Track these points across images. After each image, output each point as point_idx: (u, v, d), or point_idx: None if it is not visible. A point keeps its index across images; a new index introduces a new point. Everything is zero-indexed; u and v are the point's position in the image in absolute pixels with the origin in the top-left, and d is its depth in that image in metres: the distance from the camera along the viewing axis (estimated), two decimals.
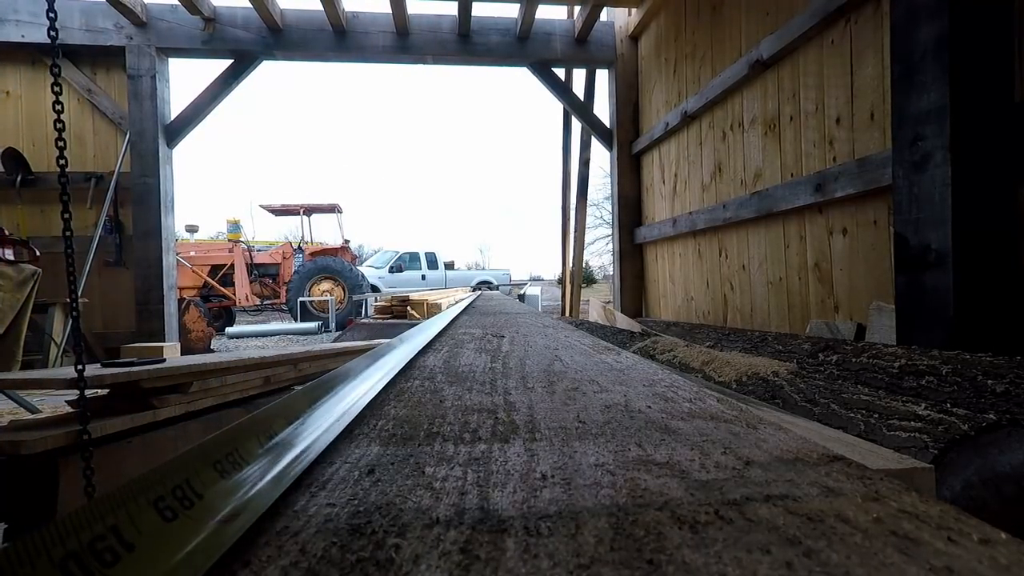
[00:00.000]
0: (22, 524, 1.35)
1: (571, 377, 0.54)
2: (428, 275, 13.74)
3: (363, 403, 0.41)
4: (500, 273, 15.23)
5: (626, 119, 4.70)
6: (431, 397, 0.46)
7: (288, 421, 0.33)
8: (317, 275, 10.48)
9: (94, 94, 4.44)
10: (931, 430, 0.82)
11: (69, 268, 1.33)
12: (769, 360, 1.41)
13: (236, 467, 0.25)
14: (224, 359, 2.02)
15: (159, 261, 4.29)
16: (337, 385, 0.44)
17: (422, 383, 0.52)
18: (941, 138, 1.51)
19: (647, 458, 0.29)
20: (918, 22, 1.58)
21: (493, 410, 0.41)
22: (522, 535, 0.20)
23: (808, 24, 2.38)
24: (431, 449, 0.32)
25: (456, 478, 0.27)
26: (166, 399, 1.74)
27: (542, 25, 4.54)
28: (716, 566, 0.18)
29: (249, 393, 2.17)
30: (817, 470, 0.27)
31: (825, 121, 2.38)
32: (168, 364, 1.75)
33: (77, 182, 4.36)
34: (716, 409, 0.40)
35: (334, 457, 0.30)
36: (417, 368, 0.60)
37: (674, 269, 4.09)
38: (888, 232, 2.03)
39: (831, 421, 0.99)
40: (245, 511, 0.21)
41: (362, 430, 0.36)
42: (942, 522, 0.20)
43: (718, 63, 3.29)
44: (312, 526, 0.22)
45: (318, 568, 0.18)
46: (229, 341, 8.55)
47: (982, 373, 0.96)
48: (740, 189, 3.09)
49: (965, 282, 1.49)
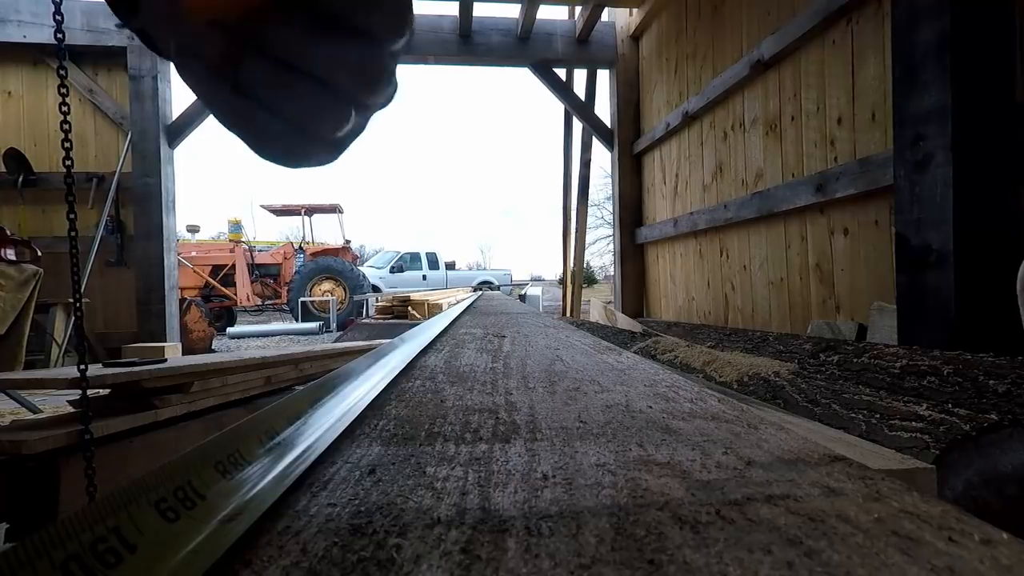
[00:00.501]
0: (23, 524, 1.35)
1: (572, 377, 0.54)
2: (429, 275, 13.74)
3: (365, 402, 0.41)
4: (501, 273, 15.22)
5: (627, 119, 4.70)
6: (432, 397, 0.46)
7: (290, 421, 0.33)
8: (318, 275, 10.49)
9: (96, 94, 4.45)
10: (933, 430, 0.82)
11: (73, 268, 1.33)
12: (770, 360, 1.41)
13: (238, 467, 0.25)
14: (225, 359, 2.02)
15: (160, 261, 4.29)
16: (339, 384, 0.44)
17: (423, 383, 0.52)
18: (942, 138, 1.51)
19: (648, 458, 0.29)
20: (919, 22, 1.58)
21: (494, 410, 0.41)
22: (523, 535, 0.20)
23: (809, 24, 2.38)
24: (432, 449, 0.32)
25: (457, 478, 0.27)
26: (167, 399, 1.74)
27: (543, 25, 4.54)
28: (717, 566, 0.18)
29: (250, 393, 2.17)
30: (818, 470, 0.27)
31: (826, 121, 2.38)
32: (169, 364, 1.76)
33: (79, 182, 4.33)
34: (717, 409, 0.40)
35: (335, 457, 0.30)
36: (418, 368, 0.60)
37: (675, 269, 4.09)
38: (889, 232, 2.03)
39: (832, 421, 0.99)
40: (247, 511, 0.21)
41: (363, 430, 0.36)
42: (943, 522, 0.20)
43: (719, 63, 3.29)
44: (313, 526, 0.22)
45: (319, 568, 0.18)
46: (230, 341, 8.56)
47: (983, 373, 0.96)
48: (741, 189, 3.09)
49: (966, 282, 1.49)
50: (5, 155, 4.34)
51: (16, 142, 4.45)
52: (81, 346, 1.34)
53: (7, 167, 4.36)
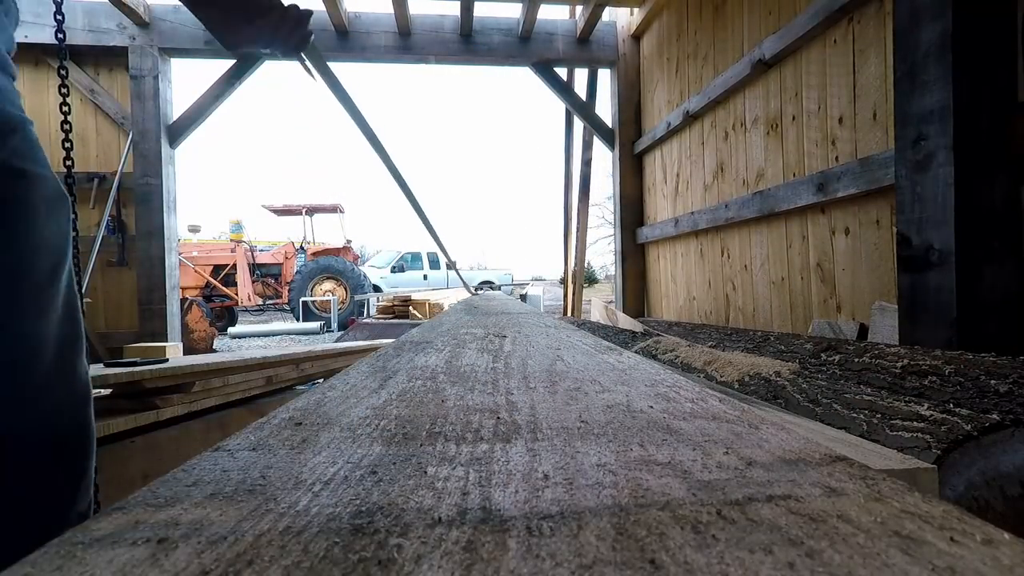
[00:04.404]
0: None
1: (573, 377, 0.54)
2: (430, 275, 13.74)
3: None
4: (502, 273, 15.22)
5: (628, 119, 4.70)
6: (433, 397, 0.46)
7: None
8: (319, 275, 10.49)
9: (97, 94, 4.45)
10: (934, 430, 0.82)
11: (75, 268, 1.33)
12: (771, 360, 1.41)
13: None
14: (226, 359, 2.02)
15: (162, 261, 4.30)
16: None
17: (424, 383, 0.52)
18: (944, 138, 1.51)
19: (649, 458, 0.29)
20: (921, 22, 1.58)
21: (495, 410, 0.41)
22: (524, 535, 0.20)
23: (810, 23, 2.37)
24: (433, 449, 0.32)
25: (458, 478, 0.27)
26: (169, 399, 1.74)
27: (544, 25, 4.54)
28: (718, 566, 0.18)
29: (251, 393, 2.17)
30: (819, 470, 0.27)
31: (827, 121, 2.38)
32: (171, 364, 1.76)
33: (80, 182, 4.36)
34: (718, 409, 0.40)
35: (343, 450, 0.30)
36: (419, 368, 0.60)
37: (676, 269, 4.09)
38: (891, 232, 2.03)
39: (833, 421, 0.99)
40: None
41: (364, 430, 0.36)
42: (945, 522, 0.20)
43: (720, 63, 3.28)
44: (315, 526, 0.22)
45: (320, 567, 0.18)
46: (231, 341, 8.57)
47: (985, 373, 0.96)
48: (742, 189, 3.09)
49: (968, 282, 1.49)
50: None
51: None
52: None
53: None
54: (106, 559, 0.19)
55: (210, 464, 0.29)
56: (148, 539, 0.20)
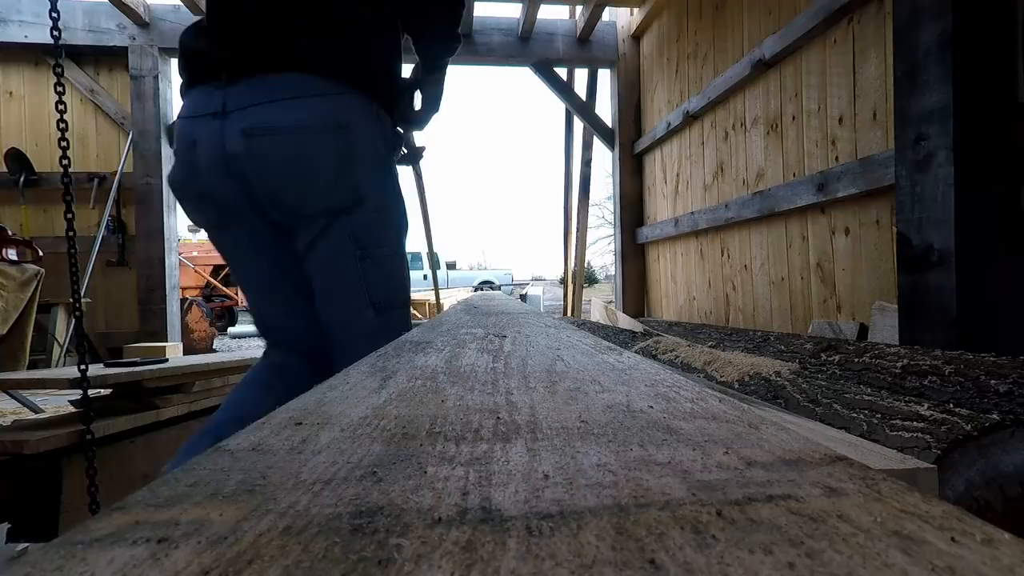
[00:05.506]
0: (25, 523, 1.36)
1: (573, 377, 0.54)
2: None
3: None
4: (502, 273, 15.21)
5: (628, 119, 4.70)
6: (433, 397, 0.46)
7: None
8: None
9: (97, 94, 4.45)
10: (934, 430, 0.82)
11: (72, 268, 1.33)
12: (771, 360, 1.41)
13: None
14: (226, 359, 2.02)
15: (162, 261, 4.30)
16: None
17: (424, 383, 0.52)
18: (944, 138, 1.51)
19: (649, 458, 0.29)
20: (921, 22, 1.58)
21: (495, 410, 0.41)
22: (524, 535, 0.20)
23: (811, 23, 2.37)
24: (433, 449, 0.32)
25: (458, 478, 0.27)
26: (169, 399, 1.74)
27: (544, 25, 4.54)
28: (718, 566, 0.18)
29: None
30: (819, 470, 0.27)
31: (827, 121, 2.38)
32: (171, 364, 1.76)
33: (80, 182, 4.37)
34: (718, 409, 0.40)
35: (347, 448, 0.30)
36: (419, 368, 0.60)
37: (676, 269, 4.09)
38: (891, 232, 2.03)
39: (833, 421, 0.99)
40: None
41: (364, 429, 0.36)
42: (944, 522, 0.20)
43: (720, 63, 3.28)
44: (315, 526, 0.22)
45: (320, 567, 0.18)
46: (232, 341, 8.57)
47: (985, 373, 0.96)
48: (742, 189, 3.09)
49: (968, 282, 1.49)
50: (7, 155, 4.35)
51: (18, 142, 4.46)
52: (81, 346, 1.34)
53: (9, 167, 4.36)
54: (106, 559, 0.19)
55: (210, 464, 0.29)
56: (148, 539, 0.20)
